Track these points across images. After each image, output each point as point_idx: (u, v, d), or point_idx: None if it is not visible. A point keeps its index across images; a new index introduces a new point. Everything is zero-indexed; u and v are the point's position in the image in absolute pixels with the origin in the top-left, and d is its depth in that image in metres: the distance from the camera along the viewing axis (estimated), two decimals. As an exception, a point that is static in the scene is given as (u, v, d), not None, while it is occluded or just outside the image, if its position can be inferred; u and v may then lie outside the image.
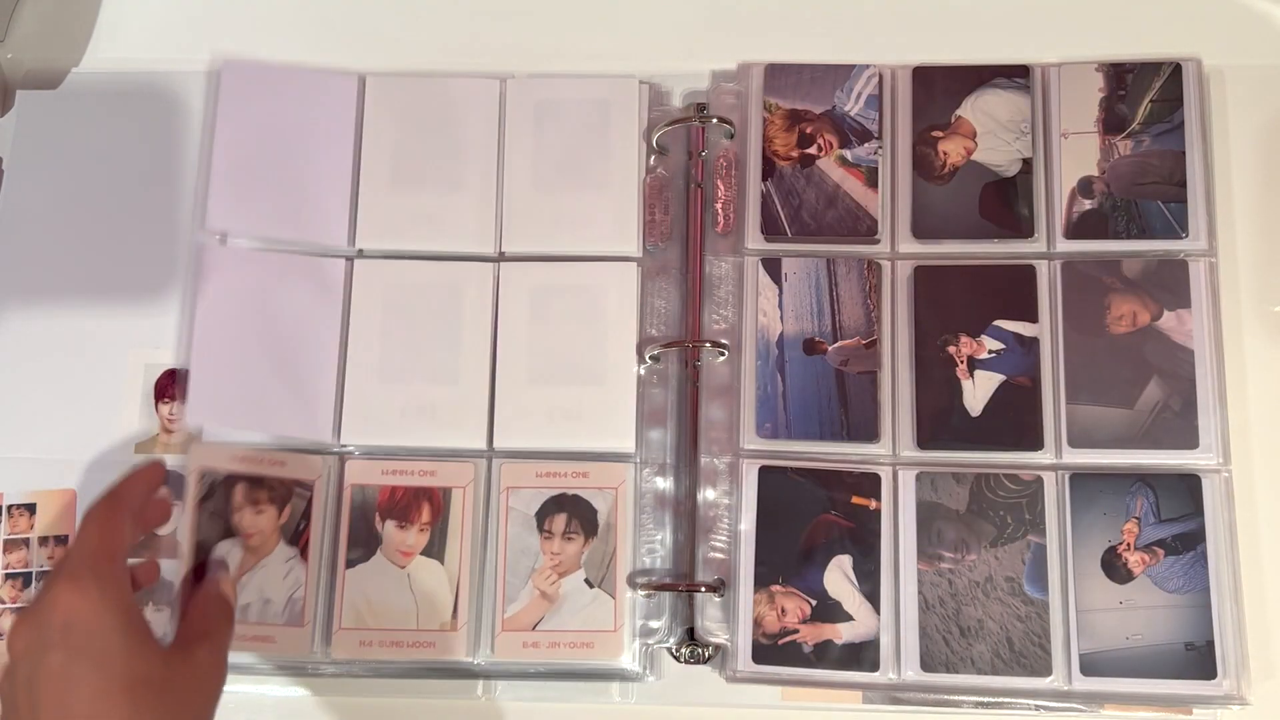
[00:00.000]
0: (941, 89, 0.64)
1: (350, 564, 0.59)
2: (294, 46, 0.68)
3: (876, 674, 0.57)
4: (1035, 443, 0.59)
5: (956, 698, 0.57)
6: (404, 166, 0.64)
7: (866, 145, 0.63)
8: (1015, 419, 0.59)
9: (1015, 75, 0.64)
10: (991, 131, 0.63)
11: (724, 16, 0.67)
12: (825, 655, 0.57)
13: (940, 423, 0.59)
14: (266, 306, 0.62)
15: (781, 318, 0.61)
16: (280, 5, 0.69)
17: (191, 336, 0.62)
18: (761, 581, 0.58)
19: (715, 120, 0.63)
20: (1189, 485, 0.58)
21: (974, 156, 0.63)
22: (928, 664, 0.57)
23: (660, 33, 0.68)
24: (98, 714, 0.44)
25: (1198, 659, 0.56)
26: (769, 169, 0.63)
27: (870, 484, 0.59)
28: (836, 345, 0.61)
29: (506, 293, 0.62)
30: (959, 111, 0.63)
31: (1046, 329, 0.60)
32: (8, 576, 0.61)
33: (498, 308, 0.62)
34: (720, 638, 0.58)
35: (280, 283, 0.62)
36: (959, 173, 0.62)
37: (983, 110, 0.63)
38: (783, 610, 0.57)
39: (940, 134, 0.63)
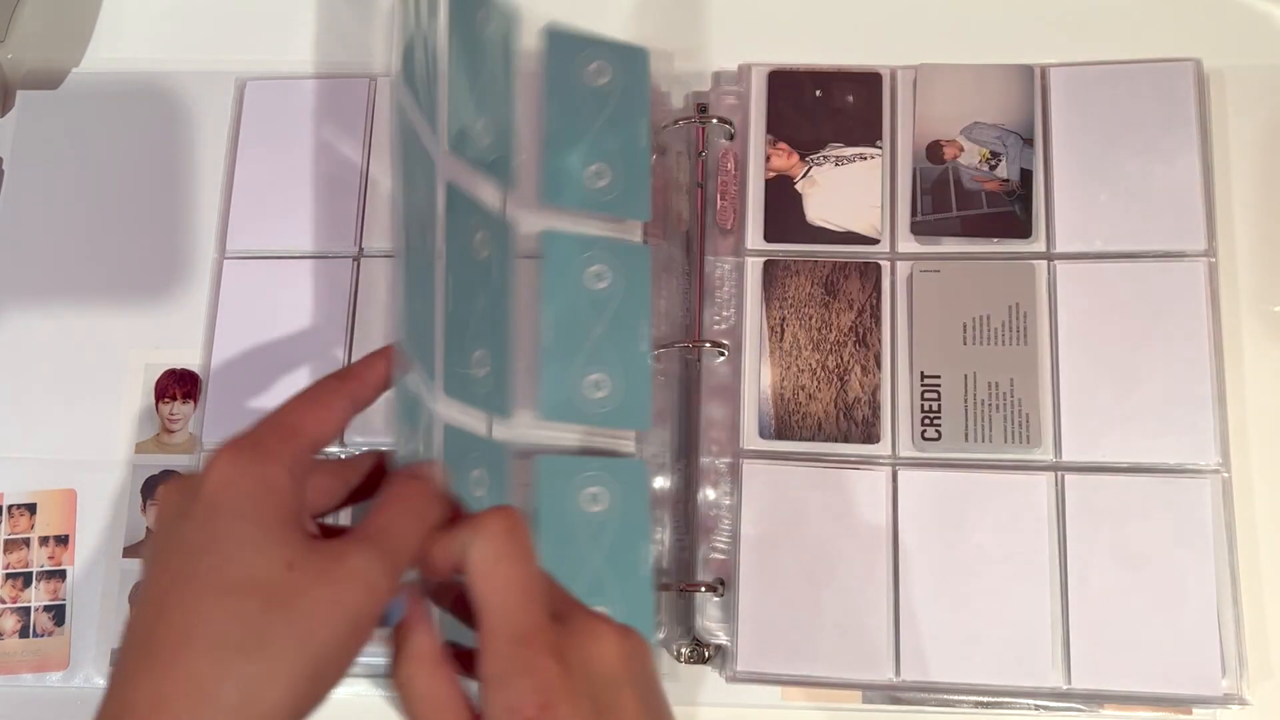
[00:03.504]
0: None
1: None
2: (297, 48, 0.68)
3: (876, 674, 0.57)
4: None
5: (956, 698, 0.57)
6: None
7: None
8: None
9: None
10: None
11: (725, 17, 0.67)
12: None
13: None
14: (279, 312, 0.63)
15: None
16: (283, 6, 0.69)
17: (212, 347, 0.62)
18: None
19: (715, 120, 0.63)
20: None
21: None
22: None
23: (661, 33, 0.68)
24: (188, 618, 0.35)
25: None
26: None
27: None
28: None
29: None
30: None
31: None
32: (8, 576, 0.61)
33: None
34: (720, 638, 0.58)
35: (291, 287, 0.63)
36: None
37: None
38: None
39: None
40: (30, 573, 0.61)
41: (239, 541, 0.36)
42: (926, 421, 0.59)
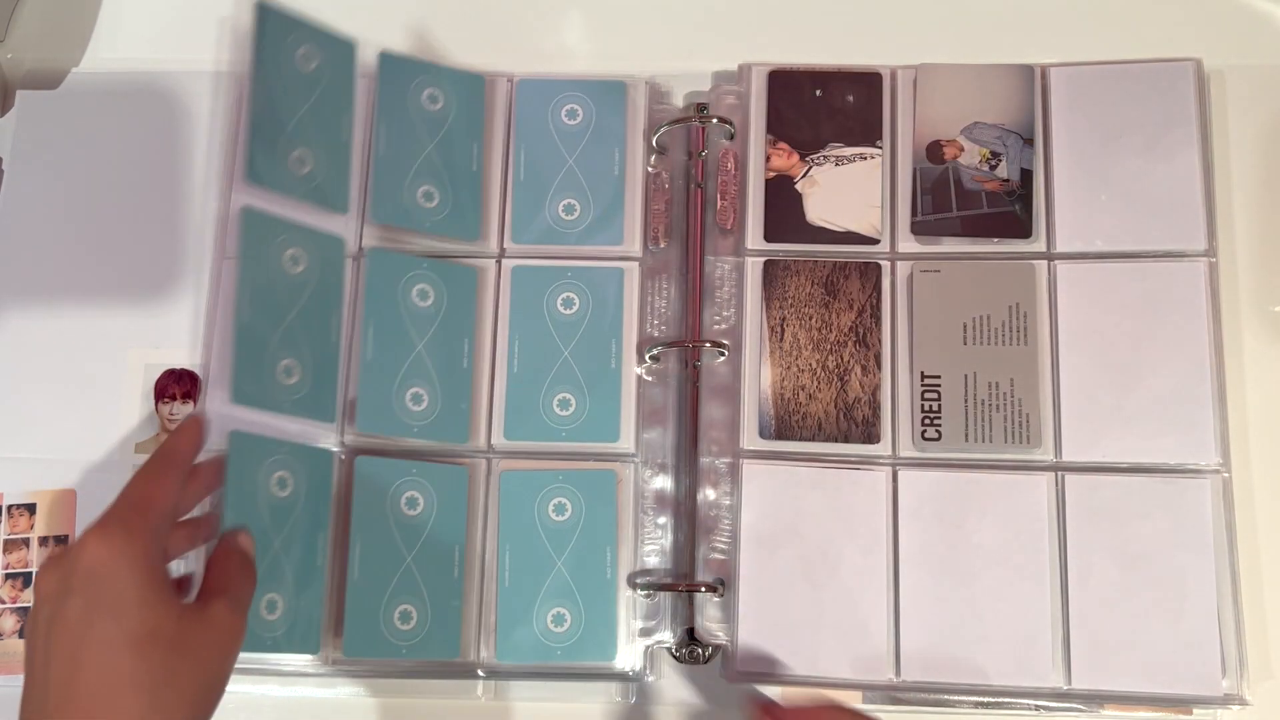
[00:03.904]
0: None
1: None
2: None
3: (876, 674, 0.57)
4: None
5: (956, 698, 0.57)
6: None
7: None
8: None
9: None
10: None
11: (725, 17, 0.68)
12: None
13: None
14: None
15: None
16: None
17: (212, 347, 0.62)
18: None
19: (715, 120, 0.63)
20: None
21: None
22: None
23: (661, 33, 0.68)
24: (106, 666, 0.44)
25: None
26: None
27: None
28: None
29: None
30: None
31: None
32: (8, 576, 0.61)
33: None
34: (720, 638, 0.58)
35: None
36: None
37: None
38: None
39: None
40: (30, 573, 0.61)
41: (134, 603, 0.45)
42: (926, 421, 0.59)
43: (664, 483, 0.60)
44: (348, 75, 0.62)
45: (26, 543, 0.61)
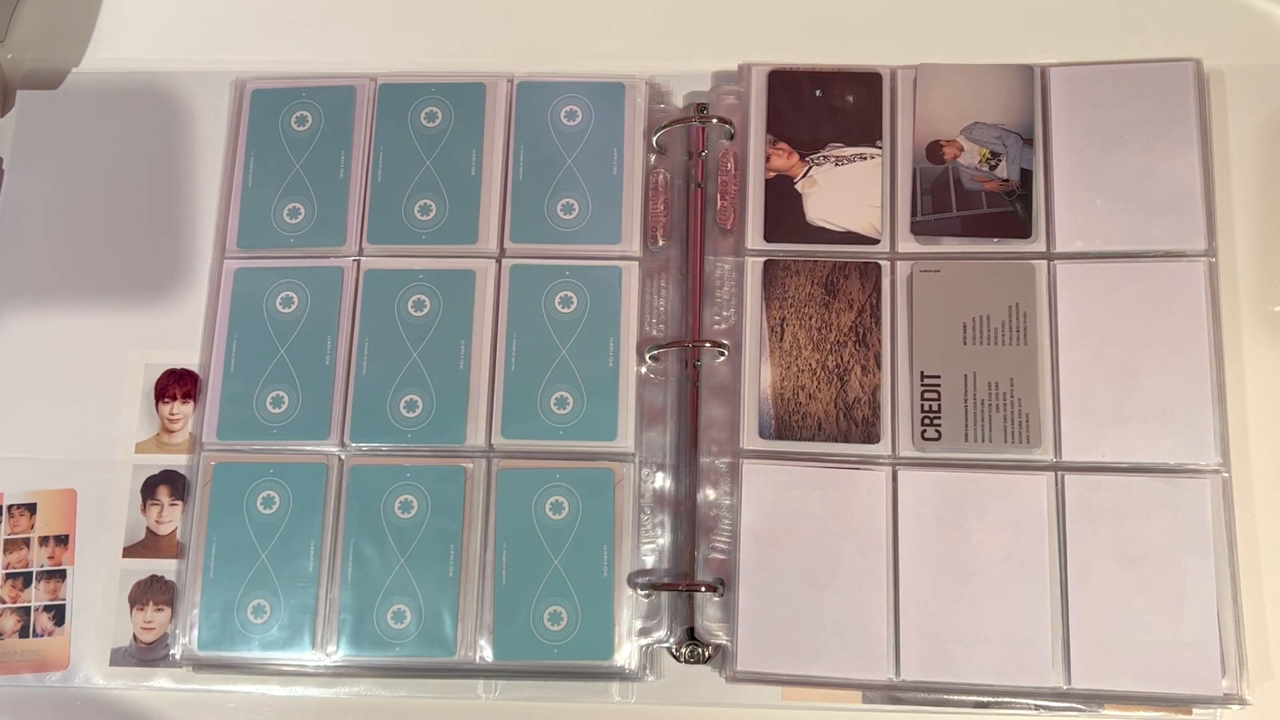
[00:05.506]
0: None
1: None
2: (294, 47, 0.68)
3: (876, 674, 0.57)
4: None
5: (956, 698, 0.57)
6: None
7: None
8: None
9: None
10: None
11: (725, 16, 0.68)
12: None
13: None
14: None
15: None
16: (281, 6, 0.69)
17: (212, 347, 0.62)
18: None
19: (715, 120, 0.63)
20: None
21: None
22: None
23: (661, 33, 0.68)
24: None
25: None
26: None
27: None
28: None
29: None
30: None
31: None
32: (8, 576, 0.61)
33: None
34: (720, 638, 0.58)
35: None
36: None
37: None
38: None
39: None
40: (30, 573, 0.61)
41: None
42: (926, 421, 0.59)
43: (664, 482, 0.60)
44: (345, 117, 0.65)
45: (26, 543, 0.61)
